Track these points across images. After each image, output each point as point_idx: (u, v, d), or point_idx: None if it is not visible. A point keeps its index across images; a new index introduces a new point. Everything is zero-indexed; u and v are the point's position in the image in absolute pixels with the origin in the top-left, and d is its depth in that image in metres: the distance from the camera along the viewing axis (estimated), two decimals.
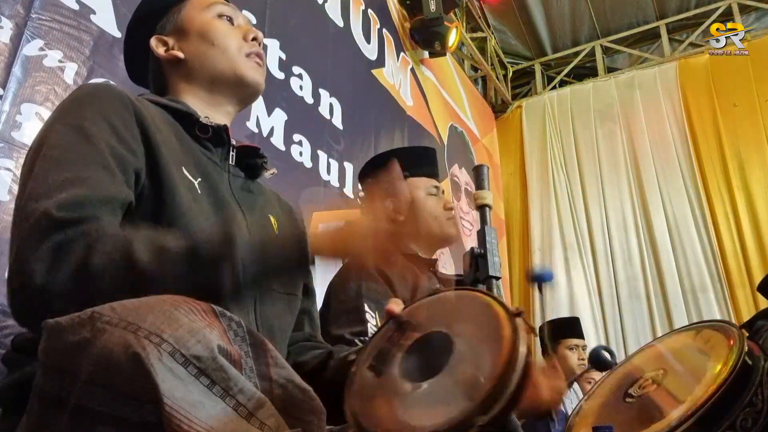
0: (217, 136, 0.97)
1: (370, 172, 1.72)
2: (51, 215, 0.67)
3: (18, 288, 0.67)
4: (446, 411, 0.57)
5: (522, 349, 0.60)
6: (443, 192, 1.68)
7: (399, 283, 1.45)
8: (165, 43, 1.04)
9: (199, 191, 0.87)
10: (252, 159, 1.04)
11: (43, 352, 0.53)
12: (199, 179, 0.89)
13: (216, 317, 0.55)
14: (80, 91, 0.86)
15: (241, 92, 1.04)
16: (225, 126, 0.98)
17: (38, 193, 0.70)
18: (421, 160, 1.71)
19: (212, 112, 1.01)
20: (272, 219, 1.04)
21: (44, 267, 0.64)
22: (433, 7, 3.91)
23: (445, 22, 3.96)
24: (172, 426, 0.46)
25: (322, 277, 2.52)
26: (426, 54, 4.27)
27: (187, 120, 0.95)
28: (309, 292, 1.11)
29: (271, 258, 0.77)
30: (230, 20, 1.05)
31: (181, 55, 1.02)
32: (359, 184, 1.78)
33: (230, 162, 0.99)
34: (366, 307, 1.34)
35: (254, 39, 1.04)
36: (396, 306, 0.76)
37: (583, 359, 3.07)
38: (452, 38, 4.08)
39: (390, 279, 1.43)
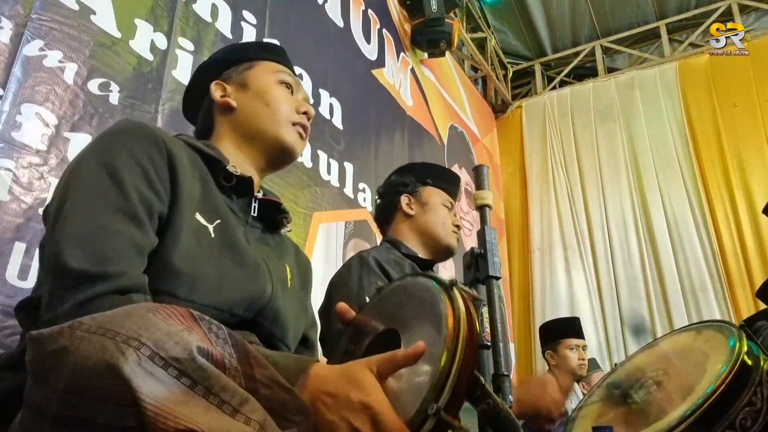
0: (241, 186, 0.99)
1: (396, 172, 1.77)
2: (81, 269, 0.70)
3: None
4: (404, 406, 0.59)
5: (461, 326, 0.62)
6: (455, 214, 1.74)
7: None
8: (223, 89, 1.09)
9: (212, 235, 0.89)
10: (272, 213, 1.06)
11: (28, 363, 0.54)
12: (217, 222, 0.91)
13: (195, 321, 0.55)
14: (118, 126, 0.89)
15: (277, 154, 1.07)
16: (250, 178, 1.00)
17: (69, 238, 0.73)
18: (447, 179, 1.77)
19: (245, 165, 1.05)
20: (288, 269, 1.06)
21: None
22: (434, 7, 3.92)
23: (446, 20, 3.97)
24: (158, 425, 0.46)
25: (323, 276, 2.53)
26: (425, 54, 4.27)
27: (215, 166, 0.97)
28: (309, 344, 1.12)
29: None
30: (290, 89, 1.10)
31: (234, 104, 1.07)
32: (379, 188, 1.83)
33: (252, 213, 1.01)
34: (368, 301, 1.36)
35: (305, 113, 1.09)
36: (346, 310, 0.78)
37: (583, 359, 3.07)
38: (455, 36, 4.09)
39: (389, 274, 1.44)
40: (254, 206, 1.01)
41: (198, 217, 0.88)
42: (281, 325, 0.95)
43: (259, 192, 1.04)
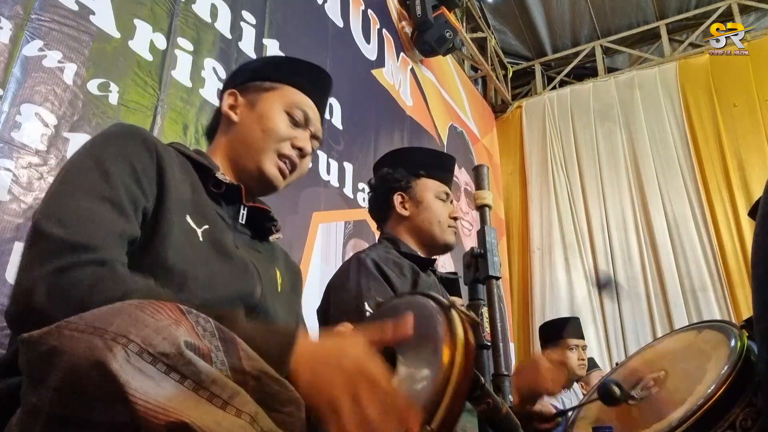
0: (230, 193, 0.99)
1: (388, 162, 1.72)
2: (61, 238, 0.71)
3: (15, 301, 0.71)
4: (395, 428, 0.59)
5: (458, 350, 0.63)
6: (452, 201, 1.68)
7: (398, 280, 1.44)
8: (235, 100, 1.09)
9: (201, 239, 0.90)
10: (261, 221, 1.06)
11: (22, 365, 0.54)
12: (206, 227, 0.92)
13: (183, 314, 0.55)
14: (111, 129, 0.90)
15: (255, 180, 1.06)
16: (239, 186, 1.01)
17: (53, 214, 0.74)
18: (439, 164, 1.72)
19: (235, 176, 1.05)
20: (278, 273, 1.06)
21: (44, 289, 0.68)
22: (419, 12, 3.95)
23: (435, 15, 3.97)
24: (149, 419, 0.46)
25: (322, 275, 2.52)
26: (443, 56, 4.27)
27: (204, 173, 0.98)
28: None
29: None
30: (294, 122, 1.08)
31: (236, 118, 1.07)
32: (372, 174, 1.78)
33: (240, 221, 1.01)
34: (366, 306, 1.35)
35: (299, 148, 1.07)
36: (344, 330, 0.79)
37: (583, 359, 3.07)
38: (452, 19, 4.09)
39: (387, 276, 1.42)
40: (243, 213, 1.02)
41: (188, 219, 0.89)
42: None
43: (248, 200, 1.05)
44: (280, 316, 0.99)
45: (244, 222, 1.02)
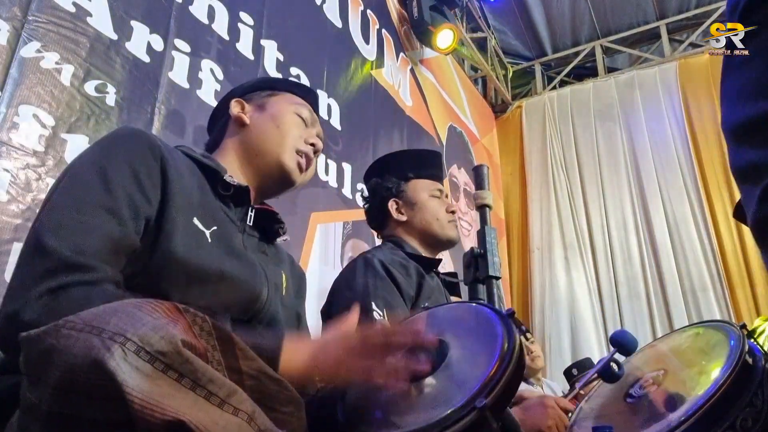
0: (239, 195, 1.01)
1: (376, 172, 1.71)
2: (57, 257, 0.71)
3: (6, 318, 0.71)
4: (449, 404, 0.62)
5: (515, 344, 0.66)
6: (447, 196, 1.69)
7: (404, 281, 1.44)
8: (242, 107, 1.13)
9: (209, 240, 0.91)
10: (269, 223, 1.08)
11: (21, 364, 0.55)
12: (214, 228, 0.92)
13: (180, 313, 0.55)
14: (116, 132, 0.91)
15: (275, 176, 1.09)
16: (247, 187, 1.02)
17: (51, 228, 0.74)
18: (426, 163, 1.71)
19: (246, 177, 1.08)
20: (283, 275, 1.08)
21: (35, 311, 0.68)
22: (415, 14, 3.94)
23: (430, 27, 3.96)
24: (146, 417, 0.46)
25: (321, 276, 2.52)
26: (425, 54, 4.27)
27: (212, 175, 0.99)
28: None
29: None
30: (303, 122, 1.15)
31: (247, 120, 1.11)
32: (363, 184, 1.77)
33: (248, 222, 1.03)
34: (374, 305, 1.33)
35: (313, 144, 1.13)
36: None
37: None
38: (446, 40, 4.04)
39: (395, 277, 1.42)
40: (250, 215, 1.03)
41: (196, 221, 0.90)
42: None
43: (256, 202, 1.06)
44: (282, 318, 1.00)
45: (251, 224, 1.03)
